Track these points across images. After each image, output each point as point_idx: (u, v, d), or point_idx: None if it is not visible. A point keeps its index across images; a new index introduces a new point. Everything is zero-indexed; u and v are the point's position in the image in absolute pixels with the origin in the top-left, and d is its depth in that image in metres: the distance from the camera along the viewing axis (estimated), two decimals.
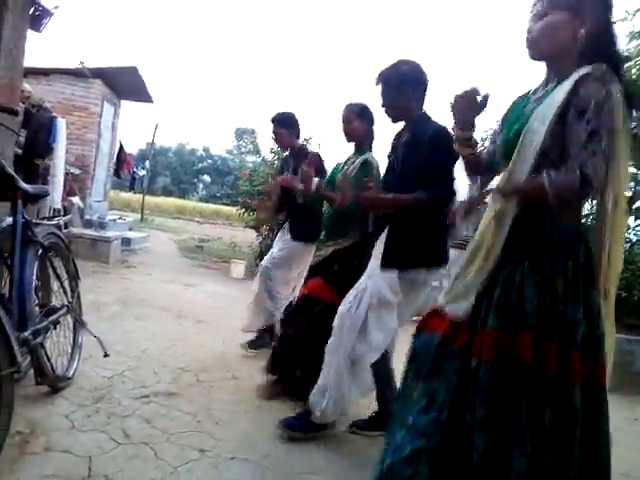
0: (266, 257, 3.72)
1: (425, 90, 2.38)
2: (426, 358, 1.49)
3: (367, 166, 2.75)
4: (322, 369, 2.28)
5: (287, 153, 4.01)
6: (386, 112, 2.38)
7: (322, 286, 2.72)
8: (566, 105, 1.37)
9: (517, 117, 1.54)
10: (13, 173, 2.03)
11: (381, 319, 2.22)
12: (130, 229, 9.77)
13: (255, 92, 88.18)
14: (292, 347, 2.76)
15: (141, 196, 16.18)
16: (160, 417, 2.29)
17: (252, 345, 3.59)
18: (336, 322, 2.27)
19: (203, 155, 56.57)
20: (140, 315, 4.14)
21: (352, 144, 2.93)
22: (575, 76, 1.38)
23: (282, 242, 3.65)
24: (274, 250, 3.68)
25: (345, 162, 2.96)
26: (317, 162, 3.33)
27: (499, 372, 1.34)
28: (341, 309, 2.28)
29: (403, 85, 2.28)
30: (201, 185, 56.87)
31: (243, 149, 51.77)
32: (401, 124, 2.43)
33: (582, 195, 1.42)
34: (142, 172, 16.14)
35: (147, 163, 16.74)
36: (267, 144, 8.83)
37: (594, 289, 1.41)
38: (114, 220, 8.95)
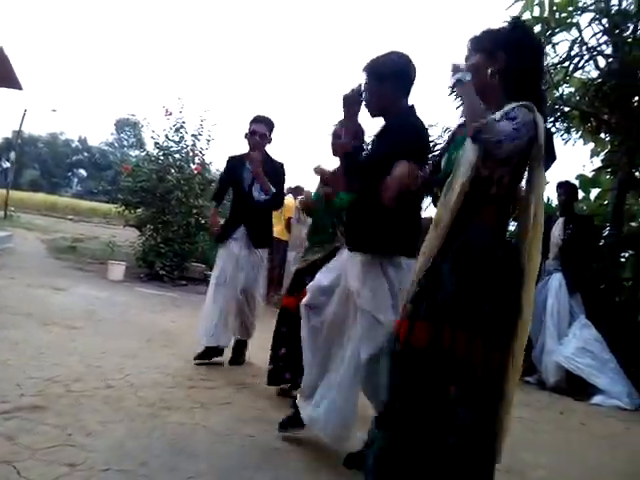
0: (237, 282, 3.56)
1: (411, 84, 2.20)
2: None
3: None
4: None
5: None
6: (367, 106, 2.19)
7: None
8: None
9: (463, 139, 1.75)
10: None
11: None
12: None
13: (138, 81, 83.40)
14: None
15: (5, 191, 14.62)
16: (24, 433, 2.11)
17: (203, 357, 3.55)
18: None
19: (79, 147, 52.25)
20: (0, 323, 3.75)
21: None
22: (506, 108, 1.60)
23: (245, 255, 3.60)
24: (237, 267, 3.58)
25: None
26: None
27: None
28: None
29: (388, 79, 2.11)
30: (76, 180, 52.60)
31: (125, 142, 48.60)
32: None
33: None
34: (6, 164, 14.60)
35: (12, 154, 15.14)
36: (151, 138, 8.29)
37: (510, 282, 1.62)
38: None
